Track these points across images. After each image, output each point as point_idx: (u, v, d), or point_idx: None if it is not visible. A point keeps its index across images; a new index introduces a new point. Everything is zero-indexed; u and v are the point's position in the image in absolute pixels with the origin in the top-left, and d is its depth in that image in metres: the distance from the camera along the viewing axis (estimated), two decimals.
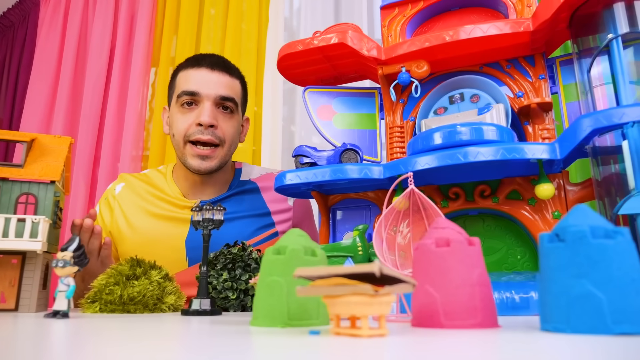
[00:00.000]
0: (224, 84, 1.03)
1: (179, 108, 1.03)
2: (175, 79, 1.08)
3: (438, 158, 0.64)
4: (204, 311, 0.63)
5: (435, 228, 0.44)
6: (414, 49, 0.73)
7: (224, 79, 1.03)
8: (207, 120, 0.99)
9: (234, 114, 1.05)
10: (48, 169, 0.74)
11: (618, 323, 0.33)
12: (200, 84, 1.02)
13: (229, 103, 1.03)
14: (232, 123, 1.05)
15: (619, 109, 0.57)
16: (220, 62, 1.06)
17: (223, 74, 1.04)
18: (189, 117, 1.02)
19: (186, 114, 1.02)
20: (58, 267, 0.56)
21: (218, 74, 1.03)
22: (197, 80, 1.02)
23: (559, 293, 0.35)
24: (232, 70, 1.07)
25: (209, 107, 1.00)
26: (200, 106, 1.01)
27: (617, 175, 0.64)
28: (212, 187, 1.09)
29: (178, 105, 1.03)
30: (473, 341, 0.33)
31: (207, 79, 1.02)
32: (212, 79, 1.02)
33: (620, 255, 0.34)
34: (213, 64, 1.04)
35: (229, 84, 1.04)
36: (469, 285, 0.40)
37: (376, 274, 0.33)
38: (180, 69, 1.08)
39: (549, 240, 0.37)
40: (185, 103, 1.02)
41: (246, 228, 1.05)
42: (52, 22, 1.82)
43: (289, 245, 0.45)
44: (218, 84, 1.02)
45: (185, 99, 1.02)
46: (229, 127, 1.04)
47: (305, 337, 0.35)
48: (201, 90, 1.01)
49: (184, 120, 1.02)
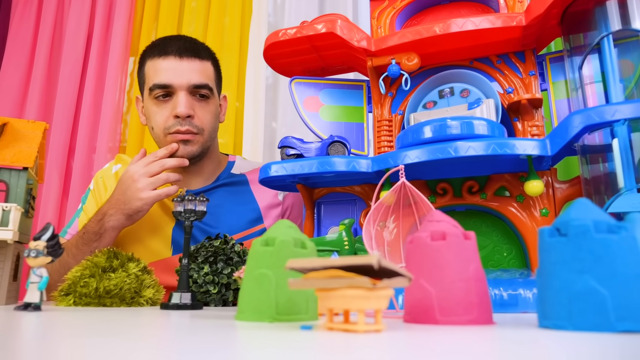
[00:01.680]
0: (196, 70, 0.99)
1: (153, 101, 1.00)
2: (144, 68, 1.04)
3: (428, 152, 0.63)
4: (184, 305, 0.61)
5: (430, 221, 0.43)
6: (404, 40, 0.71)
7: (195, 65, 1.00)
8: (183, 111, 0.97)
9: (210, 99, 1.02)
10: (21, 154, 0.70)
11: (622, 320, 0.32)
12: (170, 75, 0.98)
13: (204, 90, 1.00)
14: (209, 109, 1.02)
15: (612, 106, 0.57)
16: (188, 47, 1.01)
17: (192, 59, 1.00)
18: (165, 110, 0.99)
19: (161, 107, 1.00)
20: (30, 257, 0.53)
21: (188, 61, 0.99)
22: (166, 71, 0.99)
23: (560, 289, 0.34)
24: (202, 53, 1.03)
25: (183, 98, 0.97)
26: (174, 97, 0.99)
27: (605, 174, 0.64)
28: (198, 178, 1.06)
29: (152, 98, 1.00)
30: (472, 338, 0.32)
31: (177, 69, 0.98)
32: (183, 68, 0.99)
33: (625, 250, 0.33)
34: (181, 51, 1.00)
35: (200, 69, 1.00)
36: (465, 280, 0.39)
37: (374, 266, 0.31)
38: (146, 58, 1.04)
39: (549, 235, 0.36)
40: (160, 96, 0.99)
41: (232, 221, 1.03)
42: (27, 5, 1.75)
43: (278, 236, 0.43)
44: (189, 72, 0.98)
45: (159, 92, 0.99)
46: (207, 114, 1.02)
47: (297, 332, 0.33)
48: (173, 82, 0.98)
49: (161, 113, 0.99)
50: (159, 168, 0.94)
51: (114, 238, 0.95)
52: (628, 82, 0.67)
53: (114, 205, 0.93)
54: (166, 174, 0.94)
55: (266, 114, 1.56)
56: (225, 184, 1.07)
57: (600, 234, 0.33)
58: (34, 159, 0.71)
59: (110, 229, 0.93)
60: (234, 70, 1.58)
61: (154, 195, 0.92)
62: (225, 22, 1.63)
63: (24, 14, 1.75)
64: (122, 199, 0.93)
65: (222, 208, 1.03)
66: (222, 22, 1.63)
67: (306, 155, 0.74)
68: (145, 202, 0.92)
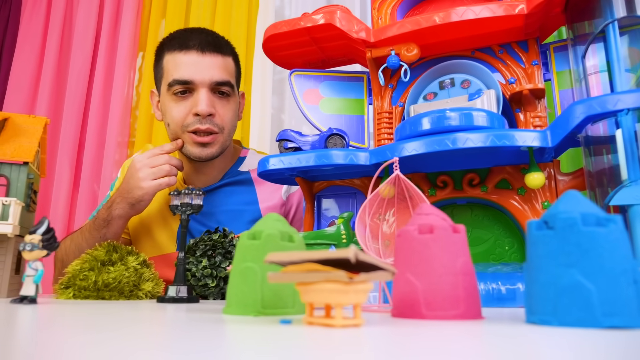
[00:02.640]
0: (218, 66, 0.96)
1: (171, 97, 0.97)
2: (162, 61, 1.00)
3: (426, 144, 0.62)
4: (181, 298, 0.61)
5: (419, 214, 0.42)
6: (404, 31, 0.70)
7: (217, 61, 0.97)
8: (205, 109, 0.94)
9: (230, 97, 1.00)
10: (21, 149, 0.71)
11: (608, 316, 0.31)
12: (192, 70, 0.95)
13: (225, 87, 0.97)
14: (230, 107, 1.00)
15: (614, 96, 0.55)
16: (210, 41, 0.98)
17: (215, 55, 0.97)
18: (184, 106, 0.96)
19: (180, 103, 0.96)
20: (26, 250, 0.54)
21: (210, 57, 0.96)
22: (188, 66, 0.95)
23: (547, 283, 0.33)
24: (224, 48, 1.00)
25: (205, 95, 0.94)
26: (195, 94, 0.95)
27: (610, 165, 0.63)
28: (207, 175, 1.05)
29: (170, 94, 0.97)
30: (454, 333, 0.31)
31: (198, 64, 0.95)
32: (205, 63, 0.95)
33: (612, 244, 0.32)
34: (203, 46, 0.96)
35: (222, 65, 0.97)
36: (452, 274, 0.38)
37: (351, 259, 0.30)
38: (166, 51, 1.00)
39: (537, 228, 0.35)
40: (179, 92, 0.96)
41: (230, 222, 1.01)
42: (36, 4, 1.77)
43: (265, 229, 0.43)
44: (211, 68, 0.95)
45: (178, 88, 0.95)
46: (227, 112, 0.99)
47: (276, 326, 0.33)
48: (194, 78, 0.94)
49: (179, 109, 0.96)
50: (163, 160, 0.93)
51: (121, 227, 0.95)
52: (635, 70, 0.65)
53: (120, 194, 0.94)
54: (169, 165, 0.93)
55: (274, 106, 1.56)
56: (230, 184, 1.05)
57: (588, 227, 0.32)
58: (35, 153, 0.72)
59: (117, 217, 0.93)
60: (241, 62, 1.57)
61: (154, 184, 0.91)
62: (232, 15, 1.63)
63: (34, 11, 1.77)
64: (126, 187, 0.93)
65: (221, 208, 1.02)
66: (229, 15, 1.63)
67: (304, 149, 0.73)
68: (146, 191, 0.91)
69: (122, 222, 0.95)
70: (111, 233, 0.94)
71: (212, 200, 1.03)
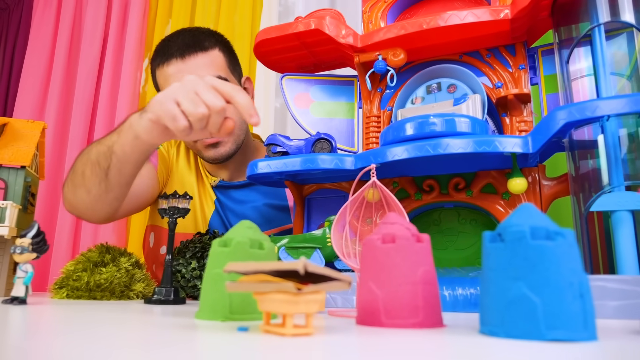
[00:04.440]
0: (202, 65, 0.94)
1: None
2: (155, 79, 1.01)
3: (407, 150, 0.62)
4: (167, 300, 0.63)
5: (384, 223, 0.43)
6: (390, 36, 0.71)
7: (200, 61, 0.95)
8: None
9: None
10: (19, 153, 0.74)
11: (551, 329, 0.31)
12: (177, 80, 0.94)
13: None
14: None
15: (593, 102, 0.55)
16: (188, 43, 0.95)
17: (196, 55, 0.95)
18: None
19: None
20: (16, 253, 0.56)
21: (192, 59, 0.94)
22: (173, 77, 0.94)
23: (497, 295, 0.34)
24: (204, 43, 0.96)
25: None
26: None
27: (593, 170, 0.62)
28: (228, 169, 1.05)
29: None
30: (403, 341, 0.32)
31: (182, 71, 0.93)
32: (187, 69, 0.94)
33: (559, 257, 0.32)
34: (182, 50, 0.94)
35: (207, 63, 0.95)
36: (412, 284, 0.39)
37: (300, 272, 0.31)
38: (155, 68, 1.00)
39: (490, 240, 0.36)
40: None
41: (259, 220, 1.02)
42: (47, 5, 1.81)
43: (235, 237, 0.44)
44: (195, 70, 0.94)
45: None
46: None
47: (233, 334, 0.34)
48: None
49: None
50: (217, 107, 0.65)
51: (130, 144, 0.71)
52: (621, 75, 0.64)
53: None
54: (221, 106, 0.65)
55: (277, 106, 1.57)
56: None
57: (536, 241, 0.33)
58: (32, 157, 0.74)
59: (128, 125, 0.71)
60: (245, 61, 1.59)
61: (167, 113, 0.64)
62: (237, 14, 1.64)
63: (44, 14, 1.81)
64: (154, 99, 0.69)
65: (249, 205, 1.03)
66: (234, 15, 1.65)
67: (292, 153, 0.74)
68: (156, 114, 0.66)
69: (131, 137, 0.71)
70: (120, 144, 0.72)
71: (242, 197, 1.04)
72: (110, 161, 0.72)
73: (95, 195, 0.77)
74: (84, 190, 0.78)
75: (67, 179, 0.82)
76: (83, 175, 0.76)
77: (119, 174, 0.74)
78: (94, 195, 0.77)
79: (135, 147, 0.71)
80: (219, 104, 0.62)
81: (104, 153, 0.73)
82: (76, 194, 0.80)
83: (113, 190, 0.77)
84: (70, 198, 0.82)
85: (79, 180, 0.78)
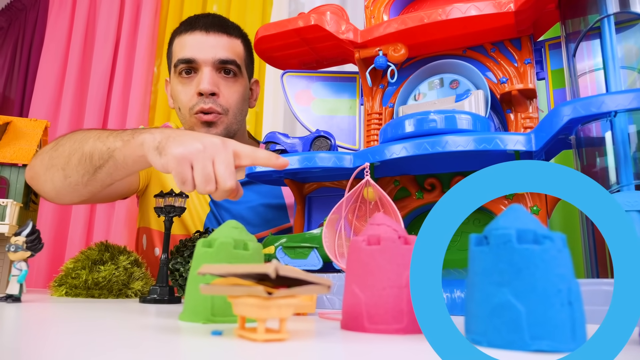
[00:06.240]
0: (222, 45, 0.95)
1: (178, 78, 0.97)
2: (172, 46, 1.01)
3: (406, 147, 0.60)
4: (162, 299, 0.62)
5: (371, 224, 0.41)
6: (390, 30, 0.69)
7: (222, 41, 0.96)
8: (206, 87, 0.92)
9: (237, 78, 0.98)
10: (20, 152, 0.74)
11: (536, 339, 0.29)
12: (195, 49, 0.94)
13: (230, 66, 0.96)
14: (236, 88, 0.97)
15: (599, 97, 0.52)
16: (216, 22, 0.97)
17: (220, 35, 0.96)
18: (190, 88, 0.95)
19: (186, 84, 0.96)
20: (10, 251, 0.56)
21: (215, 36, 0.95)
22: (192, 45, 0.95)
23: (481, 302, 0.32)
24: (231, 29, 0.98)
25: (208, 74, 0.93)
26: (199, 73, 0.95)
27: (602, 168, 0.60)
28: None
29: (176, 75, 0.97)
30: (380, 348, 0.30)
31: (202, 43, 0.94)
32: (209, 42, 0.94)
33: (547, 262, 0.30)
34: (208, 26, 0.96)
35: (227, 45, 0.96)
36: (397, 287, 0.37)
37: (271, 275, 0.30)
38: (174, 35, 1.01)
39: (476, 243, 0.34)
40: (184, 72, 0.96)
41: (256, 219, 1.01)
42: (62, 6, 1.83)
43: (219, 237, 0.43)
44: (215, 47, 0.94)
45: (183, 67, 0.95)
46: (233, 93, 0.96)
47: (206, 337, 0.33)
48: (197, 56, 0.94)
49: (185, 91, 0.96)
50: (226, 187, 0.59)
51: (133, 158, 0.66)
52: (632, 69, 0.61)
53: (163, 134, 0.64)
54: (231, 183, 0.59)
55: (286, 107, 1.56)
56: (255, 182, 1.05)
57: (523, 245, 0.31)
58: (33, 155, 0.74)
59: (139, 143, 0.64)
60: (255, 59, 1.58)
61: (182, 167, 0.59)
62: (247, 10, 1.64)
63: (59, 15, 1.83)
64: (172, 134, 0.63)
65: (245, 205, 1.01)
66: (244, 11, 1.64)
67: (290, 151, 0.73)
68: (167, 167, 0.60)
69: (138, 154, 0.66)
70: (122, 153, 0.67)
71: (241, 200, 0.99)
72: (105, 162, 0.68)
73: (72, 183, 0.72)
74: (62, 174, 0.72)
75: (45, 151, 0.74)
76: (68, 160, 0.71)
77: (109, 176, 0.71)
78: (70, 183, 0.72)
79: (138, 162, 0.67)
80: (229, 185, 0.58)
81: (101, 152, 0.68)
82: (50, 171, 0.73)
83: (93, 186, 0.73)
84: (39, 170, 0.74)
85: (61, 162, 0.71)
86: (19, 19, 1.91)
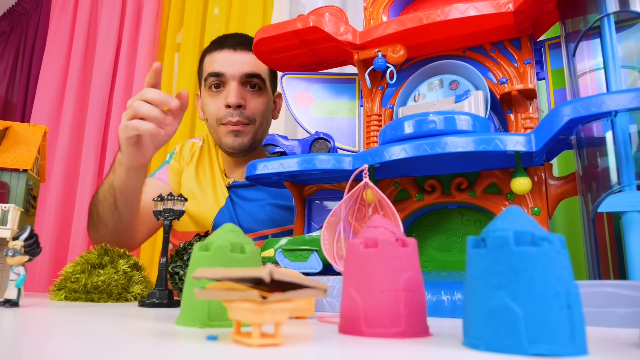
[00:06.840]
0: (248, 61, 1.04)
1: (208, 92, 1.07)
2: (202, 64, 1.11)
3: (405, 149, 0.60)
4: (161, 303, 0.62)
5: (369, 227, 0.41)
6: (389, 32, 0.68)
7: (248, 57, 1.05)
8: (233, 100, 1.01)
9: (262, 91, 1.07)
10: (20, 157, 0.74)
11: (534, 342, 0.29)
12: (224, 65, 1.04)
13: (255, 80, 1.05)
14: (261, 100, 1.06)
15: (599, 97, 0.52)
16: (243, 41, 1.08)
17: (246, 52, 1.05)
18: (218, 100, 1.05)
19: (215, 97, 1.05)
20: (8, 255, 0.56)
21: (241, 53, 1.05)
22: (220, 61, 1.05)
23: (478, 305, 0.32)
24: None
25: (234, 87, 1.02)
26: (227, 87, 1.04)
27: (603, 169, 0.59)
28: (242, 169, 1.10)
29: (206, 88, 1.07)
30: (377, 352, 0.30)
31: (230, 59, 1.04)
32: (236, 59, 1.04)
33: (545, 265, 0.30)
34: (235, 44, 1.06)
35: (253, 61, 1.04)
36: (394, 291, 0.37)
37: (265, 279, 0.30)
38: (205, 53, 1.11)
39: (473, 246, 0.33)
40: (213, 85, 1.05)
41: (267, 217, 1.06)
42: (63, 10, 1.84)
43: (216, 241, 0.43)
44: (242, 63, 1.04)
45: (212, 80, 1.05)
46: (258, 105, 1.06)
47: (200, 343, 0.33)
48: (225, 71, 1.03)
49: (214, 103, 1.05)
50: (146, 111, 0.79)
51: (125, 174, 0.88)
52: (632, 68, 0.61)
53: None
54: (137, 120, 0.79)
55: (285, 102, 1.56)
56: None
57: (520, 247, 0.30)
58: (33, 161, 0.74)
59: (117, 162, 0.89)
60: None
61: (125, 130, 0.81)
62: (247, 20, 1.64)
63: (61, 19, 1.84)
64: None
65: (257, 203, 1.07)
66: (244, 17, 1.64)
67: (290, 153, 0.73)
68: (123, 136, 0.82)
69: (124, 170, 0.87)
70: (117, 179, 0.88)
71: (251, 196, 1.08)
72: (115, 195, 0.89)
73: (112, 226, 0.93)
74: (102, 225, 0.94)
75: (88, 223, 0.99)
76: (98, 213, 0.94)
77: (125, 201, 0.91)
78: (111, 227, 0.93)
79: (130, 175, 0.88)
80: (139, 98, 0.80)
81: (107, 190, 0.90)
82: (99, 231, 0.95)
83: (124, 219, 0.93)
84: (95, 237, 0.98)
85: (97, 219, 0.95)
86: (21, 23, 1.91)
